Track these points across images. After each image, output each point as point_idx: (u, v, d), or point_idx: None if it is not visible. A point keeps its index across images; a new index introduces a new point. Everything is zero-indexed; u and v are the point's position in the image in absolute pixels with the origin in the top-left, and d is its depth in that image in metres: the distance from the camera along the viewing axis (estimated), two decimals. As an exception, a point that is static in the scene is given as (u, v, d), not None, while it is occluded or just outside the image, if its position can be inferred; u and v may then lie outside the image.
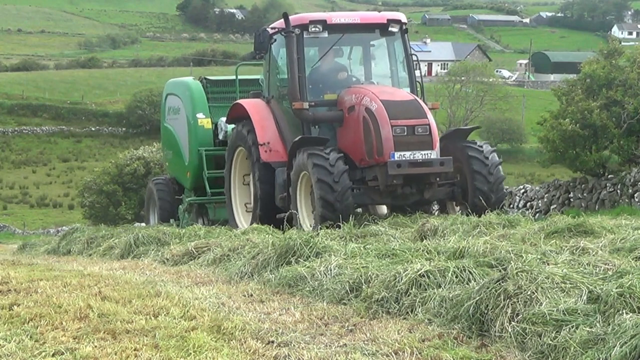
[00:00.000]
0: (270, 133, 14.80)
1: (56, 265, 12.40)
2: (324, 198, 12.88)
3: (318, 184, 12.94)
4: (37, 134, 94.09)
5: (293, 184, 13.73)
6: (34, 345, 6.20)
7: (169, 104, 19.18)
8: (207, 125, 17.82)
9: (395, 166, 13.10)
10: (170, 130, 19.07)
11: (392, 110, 13.43)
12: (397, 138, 13.28)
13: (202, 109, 17.95)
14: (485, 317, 6.22)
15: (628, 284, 5.95)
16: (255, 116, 14.96)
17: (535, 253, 7.71)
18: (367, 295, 7.34)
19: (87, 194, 49.13)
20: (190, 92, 18.22)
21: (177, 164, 18.94)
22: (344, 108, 14.14)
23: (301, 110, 14.16)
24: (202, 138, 17.79)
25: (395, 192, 13.50)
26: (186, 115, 18.12)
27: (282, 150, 14.65)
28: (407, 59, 15.05)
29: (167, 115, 19.30)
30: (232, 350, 6.02)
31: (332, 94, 14.56)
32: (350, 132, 13.95)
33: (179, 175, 18.95)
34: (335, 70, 15.14)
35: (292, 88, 14.26)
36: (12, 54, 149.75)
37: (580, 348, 5.37)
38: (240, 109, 15.36)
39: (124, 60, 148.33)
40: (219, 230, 13.90)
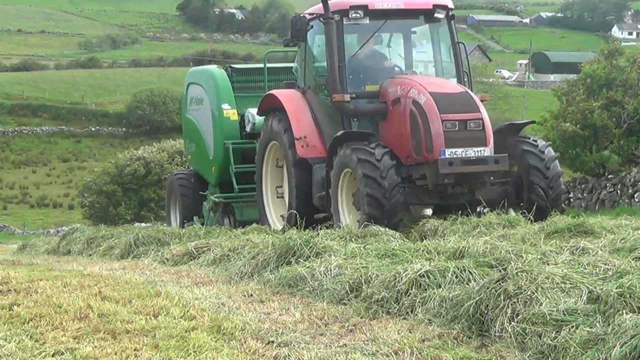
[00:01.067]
0: (307, 127, 13.83)
1: (56, 265, 12.41)
2: (370, 195, 11.94)
3: (364, 180, 12.01)
4: (37, 134, 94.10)
5: (334, 182, 12.79)
6: (34, 345, 6.20)
7: (191, 94, 17.98)
8: (233, 117, 16.70)
9: (447, 164, 12.21)
10: (193, 121, 17.83)
11: (442, 104, 12.51)
12: (448, 134, 12.38)
13: (228, 100, 16.78)
14: (485, 317, 6.22)
15: (628, 284, 5.95)
16: (290, 108, 13.96)
17: (535, 253, 7.71)
18: (367, 295, 7.34)
19: (87, 194, 49.15)
20: (214, 82, 17.03)
21: (200, 157, 17.66)
22: (387, 100, 13.20)
23: (342, 102, 13.20)
24: (228, 130, 16.64)
25: (444, 191, 12.61)
26: (210, 106, 16.97)
27: (320, 145, 13.69)
28: (453, 47, 14.09)
29: (189, 105, 18.08)
30: (232, 350, 6.02)
31: (374, 84, 13.60)
32: (395, 126, 13.02)
33: (203, 170, 17.67)
34: (376, 59, 14.22)
35: (331, 78, 13.30)
36: (12, 54, 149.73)
37: (580, 348, 5.37)
38: (274, 100, 14.30)
39: (124, 60, 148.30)
40: (218, 230, 13.91)
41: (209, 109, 16.97)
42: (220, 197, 16.82)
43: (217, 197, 16.88)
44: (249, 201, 16.16)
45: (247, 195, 16.17)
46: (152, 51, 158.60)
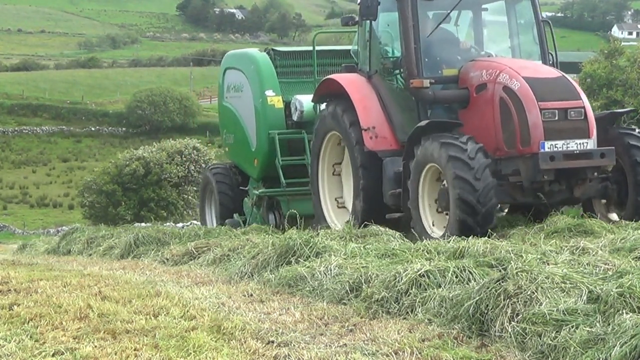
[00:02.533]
0: (375, 115, 12.31)
1: (56, 265, 12.41)
2: (463, 199, 10.56)
3: (456, 182, 10.61)
4: (37, 134, 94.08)
5: (414, 177, 11.29)
6: (34, 345, 6.20)
7: (229, 80, 16.49)
8: (278, 105, 15.19)
9: (548, 159, 10.85)
10: (231, 110, 16.35)
11: (539, 90, 11.12)
12: (548, 124, 10.99)
13: (272, 85, 15.30)
14: (485, 317, 6.22)
15: (628, 284, 5.96)
16: (355, 95, 12.44)
17: (535, 253, 7.71)
18: (367, 295, 7.34)
19: (87, 194, 49.13)
20: (256, 66, 15.54)
21: (240, 149, 16.13)
22: (469, 86, 11.80)
23: (420, 88, 11.76)
24: (273, 119, 15.18)
25: (541, 189, 11.19)
26: (252, 93, 15.51)
27: (390, 137, 12.24)
28: (537, 26, 12.60)
29: (227, 92, 16.56)
30: (232, 350, 6.02)
31: (450, 68, 12.21)
32: (480, 115, 11.61)
33: (244, 163, 16.19)
34: (451, 39, 12.79)
35: (407, 62, 11.86)
36: (12, 54, 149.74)
37: (580, 348, 5.37)
38: (334, 85, 12.82)
39: (124, 60, 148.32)
40: (218, 230, 13.91)
41: (250, 96, 15.59)
42: (267, 192, 15.49)
43: (263, 192, 15.51)
44: (297, 194, 14.94)
45: (295, 190, 14.94)
46: (152, 51, 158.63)
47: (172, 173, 46.54)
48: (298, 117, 14.96)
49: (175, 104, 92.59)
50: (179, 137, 56.08)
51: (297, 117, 14.97)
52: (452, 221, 10.75)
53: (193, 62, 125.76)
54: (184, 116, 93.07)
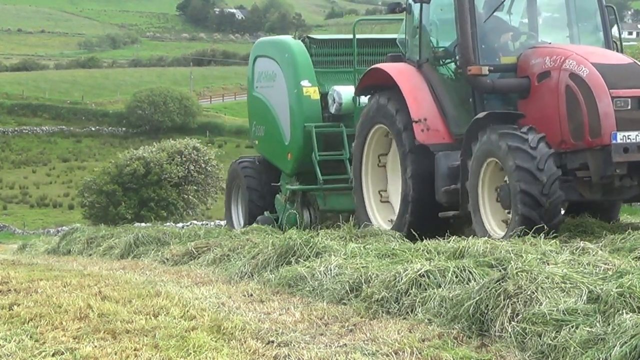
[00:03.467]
0: (426, 107, 11.52)
1: (56, 265, 12.41)
2: (525, 191, 9.83)
3: (517, 173, 9.88)
4: (37, 134, 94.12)
5: (474, 173, 10.54)
6: (34, 345, 6.20)
7: (260, 69, 15.43)
8: (314, 96, 14.19)
9: (622, 151, 10.00)
10: (262, 100, 15.27)
11: (610, 77, 10.32)
12: (620, 114, 10.16)
13: (308, 75, 14.26)
14: (485, 317, 6.22)
15: (628, 283, 5.96)
16: (404, 85, 11.64)
17: (535, 253, 7.71)
18: (367, 295, 7.34)
19: (87, 194, 49.17)
20: (291, 54, 14.48)
21: (272, 143, 15.03)
22: (530, 74, 10.99)
23: (478, 77, 10.98)
24: (309, 111, 14.16)
25: (611, 184, 10.32)
26: (286, 83, 14.49)
27: (443, 129, 11.46)
28: (600, 10, 11.78)
29: (257, 82, 15.50)
30: (232, 350, 6.02)
31: (508, 55, 11.46)
32: (543, 105, 10.82)
33: (276, 157, 15.08)
34: (506, 27, 12.03)
35: (463, 48, 11.08)
36: (12, 54, 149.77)
37: (580, 348, 5.37)
38: (381, 75, 12.03)
39: (124, 60, 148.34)
40: (218, 230, 13.91)
41: (284, 86, 14.56)
42: (302, 188, 14.50)
43: (297, 187, 14.53)
44: (333, 188, 14.08)
45: (332, 187, 14.04)
46: (152, 51, 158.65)
47: (172, 173, 46.56)
48: (336, 110, 13.98)
49: (175, 104, 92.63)
50: (179, 137, 56.13)
51: (335, 110, 13.99)
52: (514, 218, 10.00)
53: (193, 62, 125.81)
54: (184, 116, 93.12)
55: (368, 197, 12.47)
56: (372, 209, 12.43)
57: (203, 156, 48.33)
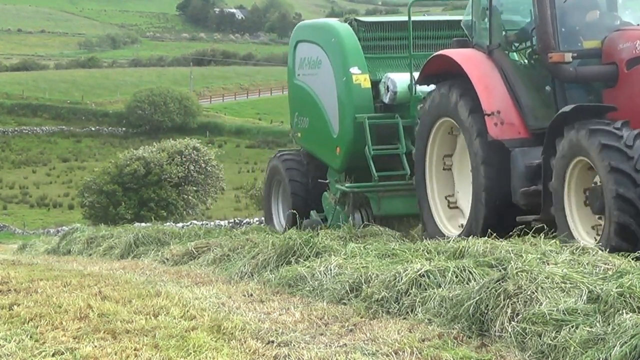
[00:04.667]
0: (500, 98, 10.26)
1: (56, 265, 12.41)
2: (622, 196, 8.65)
3: (611, 176, 8.73)
4: (37, 134, 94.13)
5: (559, 173, 9.31)
6: (34, 345, 6.20)
7: (302, 54, 14.11)
8: (364, 84, 12.85)
9: None
10: (306, 89, 13.95)
11: None
12: None
13: (357, 62, 12.93)
14: (485, 317, 6.22)
15: (628, 283, 5.96)
16: (474, 73, 10.43)
17: (535, 253, 7.71)
18: (367, 295, 7.35)
19: (87, 193, 49.16)
20: (338, 39, 13.10)
21: (318, 135, 13.69)
22: (618, 60, 9.81)
23: (560, 64, 9.82)
24: (359, 101, 12.82)
25: None
26: (333, 70, 13.15)
27: (518, 123, 10.17)
28: None
29: (299, 69, 14.18)
30: (232, 350, 6.02)
31: (591, 39, 10.17)
32: (633, 95, 9.66)
33: (322, 151, 13.71)
34: (586, 6, 10.65)
35: (542, 31, 9.89)
36: (12, 54, 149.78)
37: (580, 348, 5.37)
38: (446, 63, 10.82)
39: (124, 60, 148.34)
40: (218, 230, 13.90)
41: (330, 73, 13.22)
42: (354, 186, 12.95)
43: (349, 187, 12.96)
44: (389, 190, 12.70)
45: (390, 186, 12.68)
46: (152, 51, 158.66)
47: (172, 173, 46.57)
48: (390, 99, 12.67)
49: (175, 104, 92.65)
50: (179, 137, 56.10)
51: (390, 99, 12.68)
52: (609, 226, 8.81)
53: (193, 62, 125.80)
54: (184, 116, 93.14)
55: (434, 204, 11.16)
56: (439, 217, 11.12)
57: (203, 156, 48.33)
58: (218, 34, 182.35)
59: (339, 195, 13.24)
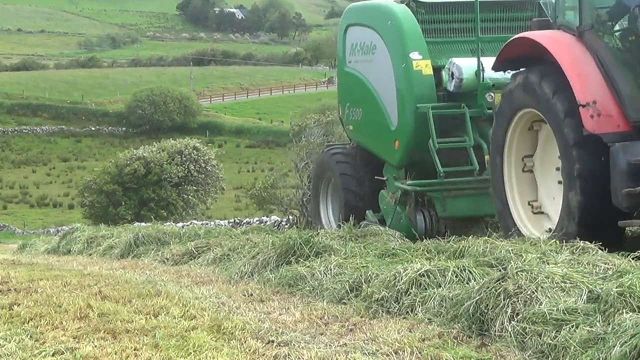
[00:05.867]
0: (595, 86, 8.98)
1: (56, 264, 12.41)
2: None
3: None
4: (37, 134, 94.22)
5: None
6: (34, 345, 6.20)
7: (354, 39, 12.95)
8: (426, 70, 11.66)
9: None
10: (358, 78, 12.78)
11: None
12: None
13: (418, 46, 11.75)
14: (485, 316, 6.22)
15: (628, 283, 5.95)
16: (564, 58, 9.14)
17: (535, 252, 7.71)
18: (367, 294, 7.35)
19: (87, 193, 49.23)
20: (396, 22, 11.92)
21: (373, 128, 12.50)
22: None
23: None
24: (421, 90, 11.63)
25: None
26: (390, 56, 11.99)
27: (618, 114, 8.88)
28: None
29: (350, 55, 13.01)
30: (232, 350, 6.01)
31: None
32: None
33: (378, 146, 12.48)
34: None
35: None
36: (12, 54, 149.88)
37: (580, 347, 5.37)
38: (529, 46, 9.57)
39: (124, 60, 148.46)
40: (218, 230, 13.90)
41: (387, 59, 12.06)
42: (417, 183, 11.68)
43: (411, 184, 11.70)
44: (456, 189, 11.50)
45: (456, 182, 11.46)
46: (152, 51, 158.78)
47: (172, 173, 46.60)
48: (455, 87, 11.54)
49: (175, 104, 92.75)
50: (179, 137, 56.18)
51: (455, 87, 11.55)
52: None
53: (193, 61, 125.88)
54: (184, 116, 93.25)
55: (516, 210, 9.92)
56: (522, 222, 9.88)
57: (203, 156, 48.38)
58: (218, 34, 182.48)
59: (400, 194, 11.95)
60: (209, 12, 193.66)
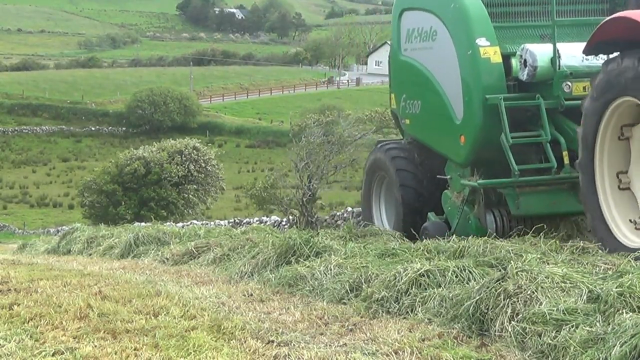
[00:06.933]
0: None
1: (56, 264, 12.40)
2: None
3: None
4: (37, 134, 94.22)
5: None
6: (34, 345, 6.20)
7: (410, 25, 11.87)
8: (494, 58, 10.56)
9: None
10: (416, 67, 11.70)
11: None
12: None
13: (485, 31, 10.64)
14: (485, 316, 6.22)
15: (628, 283, 5.96)
16: None
17: (535, 253, 7.71)
18: (367, 294, 7.35)
19: (87, 193, 49.21)
20: (460, 4, 10.84)
21: (434, 122, 11.48)
22: None
23: None
24: (490, 79, 10.53)
25: None
26: (454, 42, 10.90)
27: None
28: None
29: (407, 42, 11.95)
30: (232, 350, 6.02)
31: None
32: None
33: (440, 141, 11.44)
34: None
35: None
36: (12, 54, 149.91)
37: (580, 347, 5.37)
38: (628, 27, 8.32)
39: (124, 60, 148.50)
40: (218, 229, 13.90)
41: (450, 46, 10.99)
42: (489, 182, 10.55)
43: (482, 183, 10.55)
44: (530, 184, 10.35)
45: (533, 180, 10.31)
46: (152, 51, 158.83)
47: (172, 173, 46.61)
48: (529, 76, 10.40)
49: (175, 104, 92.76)
50: (179, 137, 56.18)
51: (528, 76, 10.41)
52: None
53: (193, 62, 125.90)
54: (184, 116, 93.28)
55: (601, 179, 8.74)
56: (605, 197, 8.72)
57: (203, 156, 48.39)
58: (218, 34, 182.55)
59: (467, 193, 10.93)
60: (209, 12, 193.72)
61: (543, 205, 10.30)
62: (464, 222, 10.89)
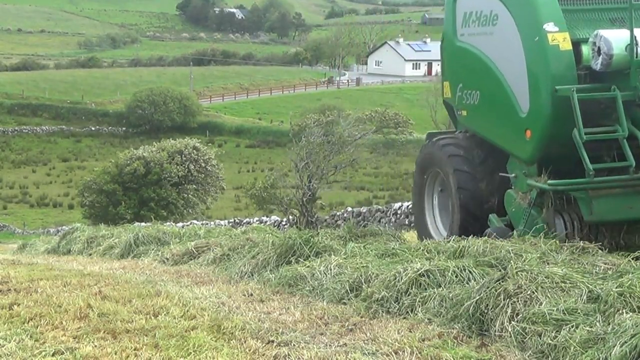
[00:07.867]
0: None
1: (56, 264, 12.40)
2: None
3: None
4: (37, 134, 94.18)
5: None
6: (34, 345, 6.20)
7: (467, 8, 11.04)
8: (564, 45, 9.57)
9: None
10: (474, 54, 10.78)
11: None
12: None
13: (554, 16, 9.68)
14: (485, 316, 6.22)
15: (628, 283, 5.96)
16: None
17: (535, 253, 7.71)
18: (367, 294, 7.35)
19: (87, 193, 49.18)
20: None
21: (496, 114, 10.51)
22: None
23: None
24: (559, 68, 9.53)
25: None
26: (518, 28, 9.95)
27: None
28: None
29: (463, 27, 11.08)
30: (232, 350, 6.02)
31: None
32: None
33: (502, 136, 10.47)
34: None
35: None
36: (12, 54, 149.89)
37: (580, 347, 5.37)
38: None
39: (124, 60, 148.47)
40: (218, 229, 13.89)
41: (514, 32, 10.04)
42: (560, 183, 9.40)
43: (553, 184, 9.41)
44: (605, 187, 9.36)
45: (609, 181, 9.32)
46: (152, 51, 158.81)
47: (172, 173, 46.60)
48: (603, 65, 9.40)
49: (175, 104, 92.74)
50: (179, 137, 56.16)
51: (602, 65, 9.41)
52: None
53: (193, 61, 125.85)
54: (184, 116, 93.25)
55: None
56: None
57: (203, 156, 48.37)
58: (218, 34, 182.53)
59: (534, 194, 9.80)
60: (209, 12, 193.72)
61: (618, 210, 9.37)
62: (531, 226, 9.71)
